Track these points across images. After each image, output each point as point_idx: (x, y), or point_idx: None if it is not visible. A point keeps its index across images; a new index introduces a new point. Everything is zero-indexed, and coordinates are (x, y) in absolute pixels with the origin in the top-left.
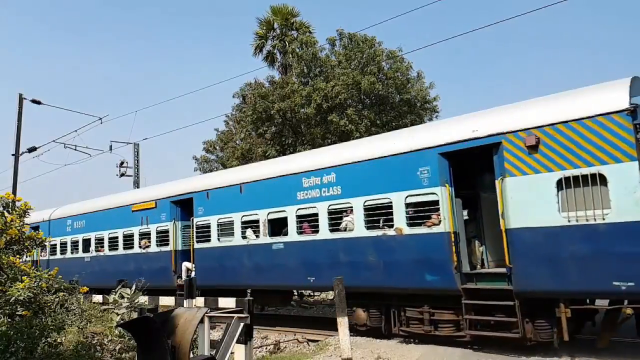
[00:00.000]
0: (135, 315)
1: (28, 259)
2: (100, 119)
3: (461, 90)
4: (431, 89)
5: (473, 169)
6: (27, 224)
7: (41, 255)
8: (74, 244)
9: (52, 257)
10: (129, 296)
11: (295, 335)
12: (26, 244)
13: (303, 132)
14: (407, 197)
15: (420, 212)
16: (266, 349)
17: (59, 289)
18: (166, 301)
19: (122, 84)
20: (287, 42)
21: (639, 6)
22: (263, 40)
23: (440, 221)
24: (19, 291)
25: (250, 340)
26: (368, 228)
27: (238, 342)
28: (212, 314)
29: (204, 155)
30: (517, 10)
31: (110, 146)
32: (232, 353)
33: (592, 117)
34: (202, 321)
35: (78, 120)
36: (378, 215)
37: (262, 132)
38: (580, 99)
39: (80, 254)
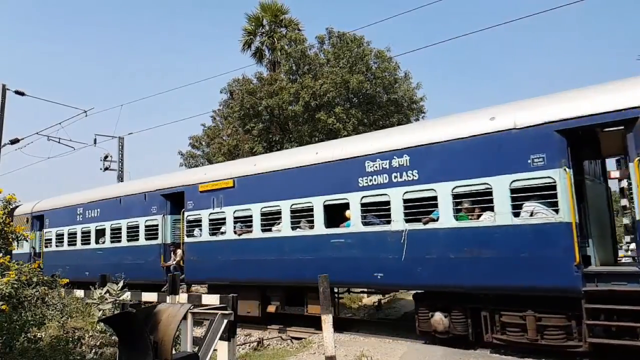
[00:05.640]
0: (118, 310)
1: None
2: (85, 111)
3: (448, 91)
4: (418, 90)
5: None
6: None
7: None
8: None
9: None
10: (115, 292)
11: (278, 332)
12: (9, 238)
13: (290, 130)
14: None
15: None
16: (249, 346)
17: (38, 283)
18: (149, 297)
19: (109, 78)
20: (275, 39)
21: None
22: (252, 37)
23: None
24: (1, 287)
25: (234, 337)
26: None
27: (221, 339)
28: (195, 310)
29: (189, 151)
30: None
31: (95, 139)
32: (214, 350)
33: None
34: (185, 317)
35: (62, 113)
36: None
37: (249, 129)
38: None
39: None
